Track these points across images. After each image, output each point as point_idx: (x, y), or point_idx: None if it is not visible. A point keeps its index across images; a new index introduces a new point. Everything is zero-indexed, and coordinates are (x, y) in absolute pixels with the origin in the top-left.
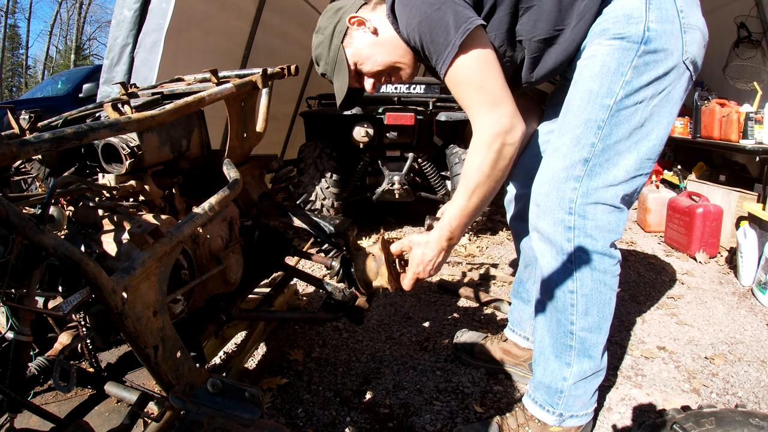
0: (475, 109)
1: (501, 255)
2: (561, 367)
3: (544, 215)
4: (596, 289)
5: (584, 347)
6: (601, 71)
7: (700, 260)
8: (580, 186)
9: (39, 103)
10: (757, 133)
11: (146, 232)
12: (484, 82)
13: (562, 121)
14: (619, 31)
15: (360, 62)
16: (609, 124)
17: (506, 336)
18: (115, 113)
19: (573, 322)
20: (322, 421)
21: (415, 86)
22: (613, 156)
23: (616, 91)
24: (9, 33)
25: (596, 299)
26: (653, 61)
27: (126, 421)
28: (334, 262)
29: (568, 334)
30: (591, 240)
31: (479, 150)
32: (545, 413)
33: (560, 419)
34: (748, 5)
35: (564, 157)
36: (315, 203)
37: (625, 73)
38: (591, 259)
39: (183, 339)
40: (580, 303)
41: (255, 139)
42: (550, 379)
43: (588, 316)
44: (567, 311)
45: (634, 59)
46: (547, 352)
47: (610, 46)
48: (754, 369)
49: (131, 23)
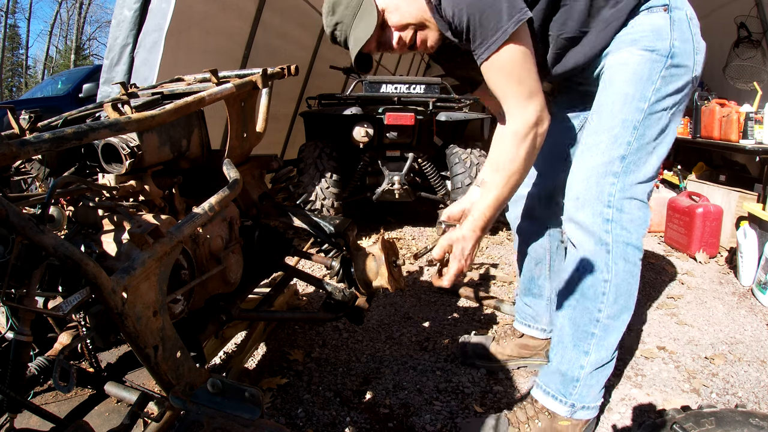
0: (511, 101)
1: (501, 255)
2: (579, 355)
3: (583, 207)
4: (626, 280)
5: (606, 335)
6: (634, 77)
7: (700, 260)
8: (617, 181)
9: (39, 103)
10: (757, 133)
11: (146, 232)
12: (523, 75)
13: (597, 121)
14: (650, 44)
15: (390, 10)
16: (643, 125)
17: (521, 332)
18: (115, 113)
19: (601, 309)
20: (322, 421)
21: (415, 86)
22: (645, 155)
23: (649, 97)
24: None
25: (625, 289)
26: (676, 74)
27: (126, 421)
28: (334, 262)
29: (593, 322)
30: (626, 233)
31: (515, 141)
32: (557, 403)
33: (572, 410)
34: (748, 5)
35: (603, 154)
36: (315, 203)
37: (655, 81)
38: (626, 250)
39: (183, 339)
40: (611, 292)
41: (255, 139)
42: (567, 366)
43: (615, 304)
44: (598, 299)
45: (662, 70)
46: (567, 340)
47: (641, 56)
48: (754, 369)
49: (131, 23)
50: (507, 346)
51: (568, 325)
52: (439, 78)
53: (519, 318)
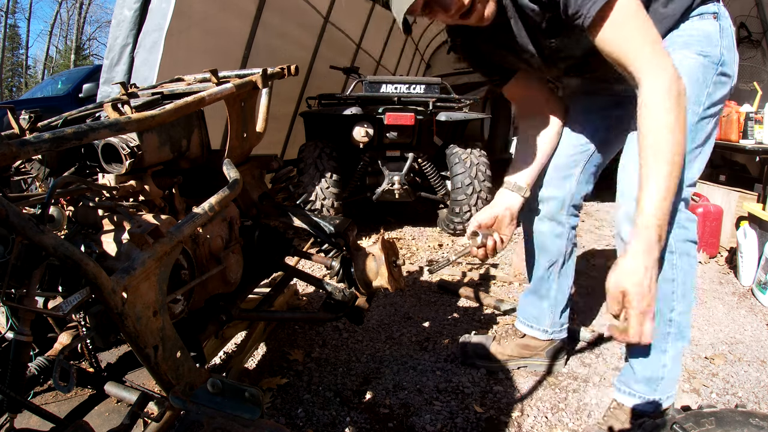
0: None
1: (501, 255)
2: (658, 356)
3: None
4: (689, 274)
5: (680, 330)
6: (690, 80)
7: (700, 260)
8: None
9: (39, 103)
10: (757, 133)
11: (146, 232)
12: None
13: None
14: (703, 50)
15: None
16: (695, 128)
17: (523, 332)
18: (115, 113)
19: (673, 308)
20: (322, 421)
21: (415, 86)
22: (693, 158)
23: (703, 101)
24: (9, 33)
25: (689, 283)
26: (724, 82)
27: (126, 421)
28: (334, 262)
29: (668, 322)
30: (684, 230)
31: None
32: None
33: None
34: (748, 5)
35: None
36: (315, 203)
37: (708, 86)
38: (686, 247)
39: (183, 339)
40: (679, 288)
41: (255, 139)
42: (651, 371)
43: (685, 299)
44: (669, 299)
45: (713, 76)
46: (645, 349)
47: (695, 60)
48: (754, 369)
49: (131, 23)
50: (508, 346)
51: None
52: (439, 78)
53: (521, 318)
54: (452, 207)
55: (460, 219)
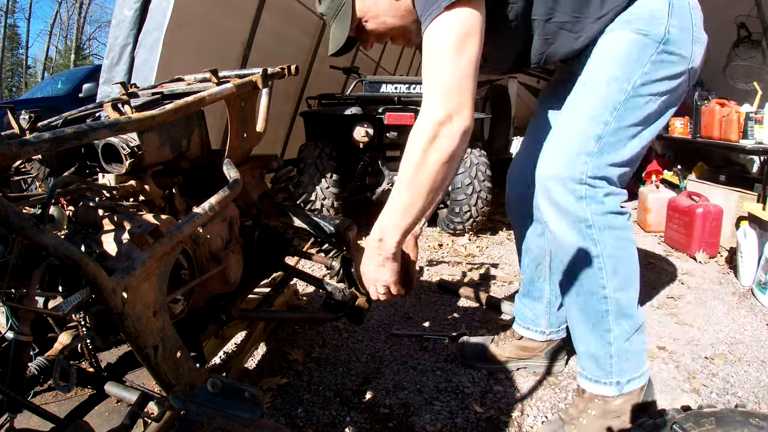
0: (425, 89)
1: (501, 255)
2: (601, 334)
3: (555, 186)
4: (618, 247)
5: (620, 308)
6: (622, 58)
7: (700, 260)
8: (591, 160)
9: (39, 103)
10: (757, 133)
11: (146, 231)
12: (447, 65)
13: (577, 99)
14: (643, 28)
15: (365, 18)
16: (624, 107)
17: (520, 334)
18: (115, 113)
19: (605, 285)
20: (322, 421)
21: (415, 86)
22: (623, 138)
23: (635, 79)
24: (9, 33)
25: (621, 256)
26: (669, 61)
27: (126, 421)
28: (334, 261)
29: (602, 299)
30: (601, 205)
31: (413, 140)
32: (603, 386)
33: (618, 387)
34: (748, 5)
35: (579, 133)
36: (315, 203)
37: (644, 65)
38: (607, 220)
39: (183, 339)
40: (608, 264)
41: (255, 139)
42: (595, 349)
43: (617, 275)
44: (596, 276)
45: (653, 54)
46: (584, 326)
47: (632, 38)
48: (754, 369)
49: (131, 23)
50: (506, 348)
51: (579, 311)
52: None
53: (518, 320)
54: (452, 207)
55: (460, 219)
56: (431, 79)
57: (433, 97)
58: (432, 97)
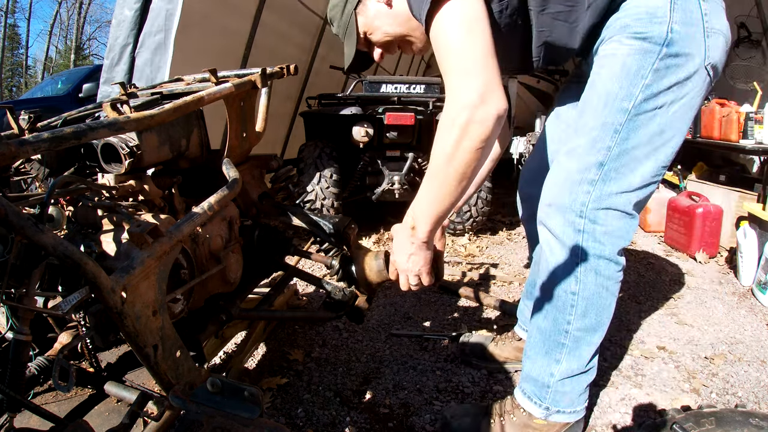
0: (447, 78)
1: (501, 255)
2: (549, 363)
3: (554, 215)
4: (598, 294)
5: (577, 346)
6: (621, 72)
7: (700, 260)
8: (593, 190)
9: (39, 103)
10: (757, 133)
11: (145, 231)
12: (462, 45)
13: (579, 121)
14: (641, 30)
15: (369, 32)
16: (626, 128)
17: (519, 336)
18: (114, 113)
19: (570, 321)
20: (322, 421)
21: (415, 86)
22: (630, 161)
23: (636, 94)
24: (9, 33)
25: (596, 303)
26: (675, 65)
27: (125, 421)
28: (334, 261)
29: (563, 332)
30: (599, 245)
31: (443, 126)
32: (532, 405)
33: (547, 413)
34: (748, 5)
35: (579, 160)
36: (315, 203)
37: (645, 76)
38: (597, 263)
39: (183, 338)
40: (580, 305)
41: (254, 138)
42: (537, 373)
43: (586, 318)
44: (566, 311)
45: (655, 62)
46: (538, 347)
47: (630, 47)
48: (754, 369)
49: (132, 23)
50: (505, 349)
51: (538, 333)
52: (439, 78)
53: (519, 321)
54: None
55: (460, 219)
56: (450, 66)
57: (457, 82)
58: (456, 82)
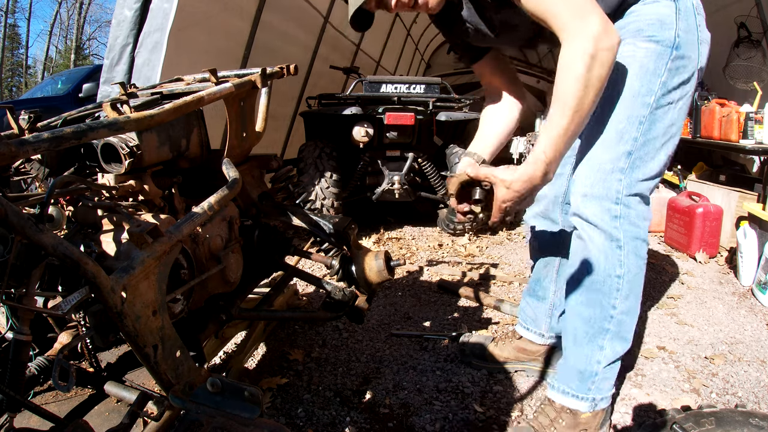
0: (561, 20)
1: (501, 255)
2: (594, 350)
3: (590, 204)
4: (637, 275)
5: (619, 330)
6: (640, 71)
7: (700, 260)
8: (624, 177)
9: (39, 103)
10: (757, 133)
11: (145, 231)
12: None
13: (603, 115)
14: (654, 34)
15: None
16: (649, 120)
17: (520, 334)
18: (114, 113)
19: (615, 306)
20: (322, 421)
21: (415, 86)
22: (651, 150)
23: (655, 91)
24: (9, 33)
25: (636, 283)
26: (682, 66)
27: (125, 421)
28: (334, 261)
29: (608, 318)
30: (635, 228)
31: (571, 62)
32: (578, 401)
33: (592, 404)
34: (748, 5)
35: (609, 150)
36: (315, 203)
37: (661, 74)
38: (635, 245)
39: (183, 338)
40: (624, 287)
41: (254, 138)
42: (583, 364)
43: (628, 300)
44: (611, 295)
45: (668, 62)
46: (580, 337)
47: (646, 49)
48: (754, 369)
49: (131, 23)
50: (505, 349)
51: (582, 321)
52: (439, 78)
53: (520, 319)
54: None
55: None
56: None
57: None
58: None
